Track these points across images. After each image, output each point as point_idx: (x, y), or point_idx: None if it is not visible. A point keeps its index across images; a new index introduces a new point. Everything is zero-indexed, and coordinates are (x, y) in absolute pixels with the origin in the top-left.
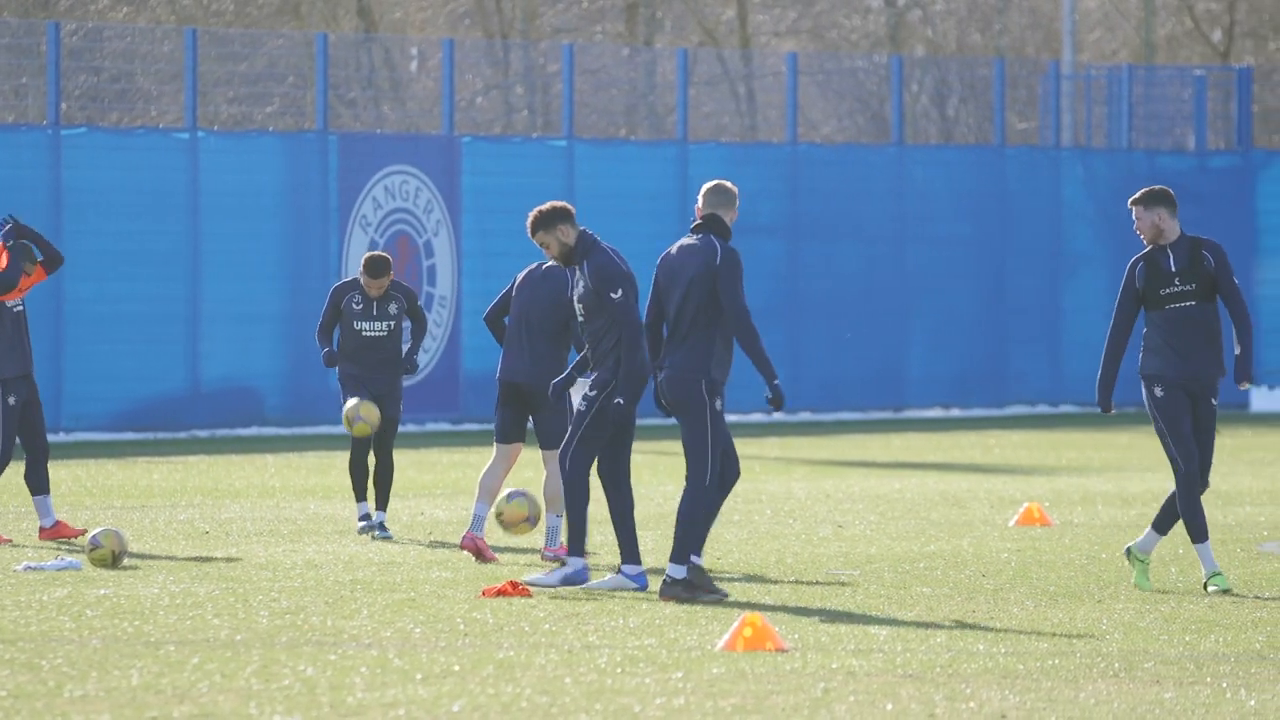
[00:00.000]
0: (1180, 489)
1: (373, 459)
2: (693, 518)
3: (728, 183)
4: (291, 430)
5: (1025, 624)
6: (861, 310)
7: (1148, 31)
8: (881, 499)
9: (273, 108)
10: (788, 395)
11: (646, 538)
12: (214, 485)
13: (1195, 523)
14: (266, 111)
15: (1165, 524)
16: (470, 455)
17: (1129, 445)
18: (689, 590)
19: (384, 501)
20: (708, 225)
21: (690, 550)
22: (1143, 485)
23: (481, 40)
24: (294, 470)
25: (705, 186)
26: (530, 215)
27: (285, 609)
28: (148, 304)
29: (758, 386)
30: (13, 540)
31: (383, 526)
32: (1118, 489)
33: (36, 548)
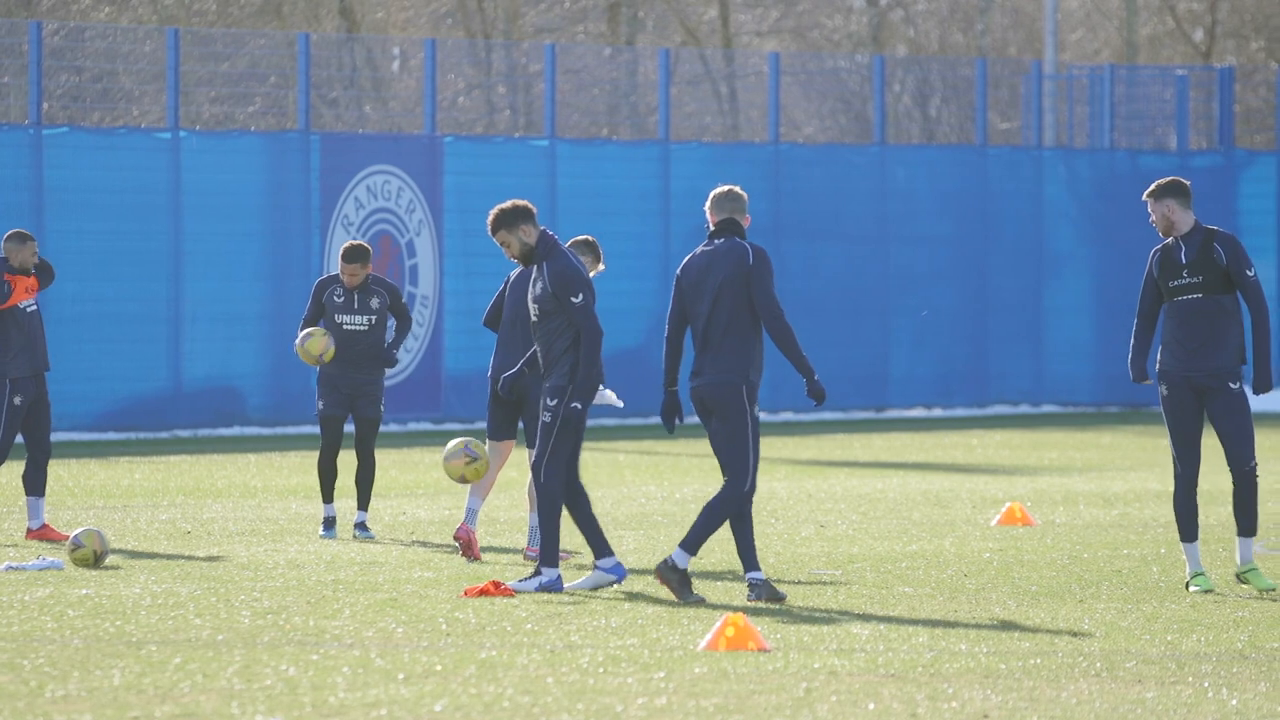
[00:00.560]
0: (1176, 488)
1: (354, 459)
2: (719, 517)
3: (737, 188)
4: (274, 430)
5: (1007, 623)
6: (844, 310)
7: (1129, 31)
8: (864, 499)
9: (255, 108)
10: (769, 395)
11: (628, 538)
12: (196, 485)
13: (1185, 523)
14: (248, 111)
15: (1248, 526)
16: (435, 451)
17: (1111, 445)
18: (682, 583)
19: (365, 501)
20: (728, 229)
21: (697, 546)
22: (1125, 485)
23: (463, 40)
24: (276, 470)
25: (715, 193)
26: (491, 214)
27: (267, 609)
28: (130, 304)
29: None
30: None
31: (364, 526)
32: (1100, 489)
33: (20, 547)
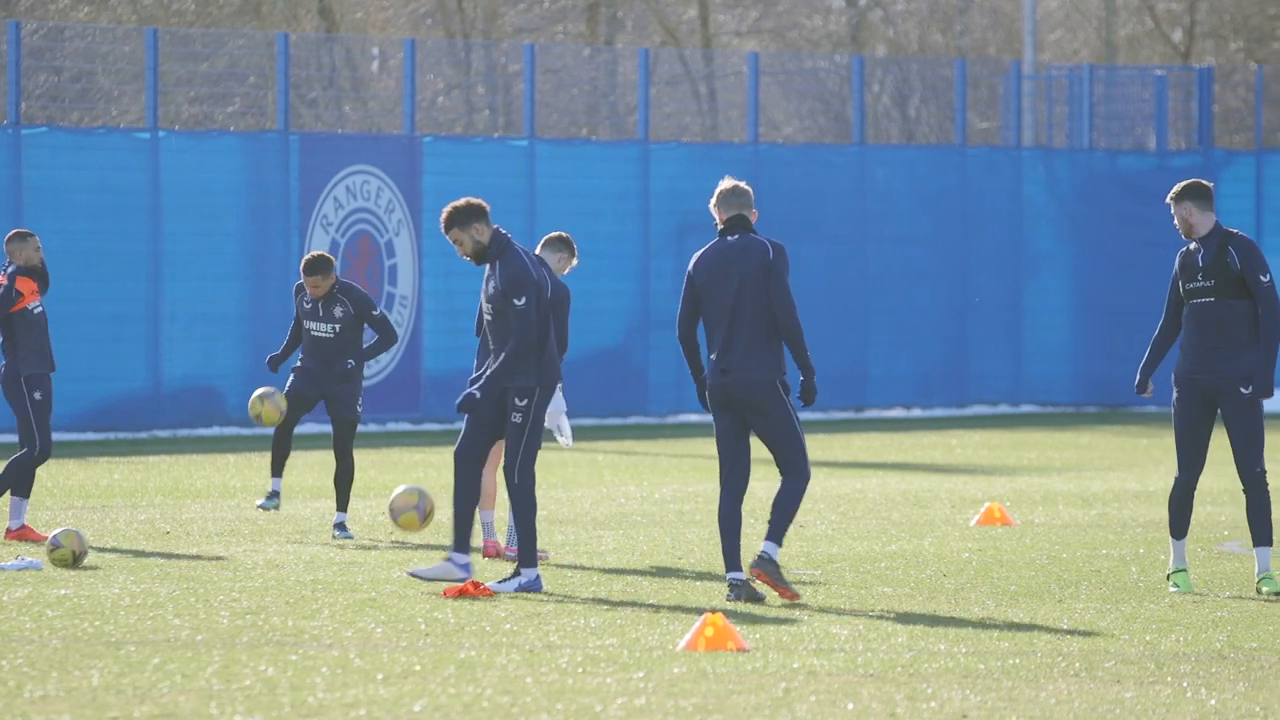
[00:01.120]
0: (1173, 487)
1: (333, 460)
2: (791, 507)
3: (742, 184)
4: (253, 430)
5: (986, 623)
6: (823, 310)
7: (1108, 32)
8: (843, 499)
9: (234, 107)
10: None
11: (607, 537)
12: (175, 485)
13: (1175, 519)
14: (227, 111)
15: (1263, 535)
16: (431, 455)
17: (1090, 445)
18: (776, 573)
19: (344, 502)
20: (740, 225)
21: (783, 535)
22: (1103, 485)
23: (443, 40)
24: (255, 470)
25: (721, 189)
26: (445, 211)
27: (246, 609)
28: (109, 304)
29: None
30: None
31: (343, 527)
32: (1079, 489)
33: None
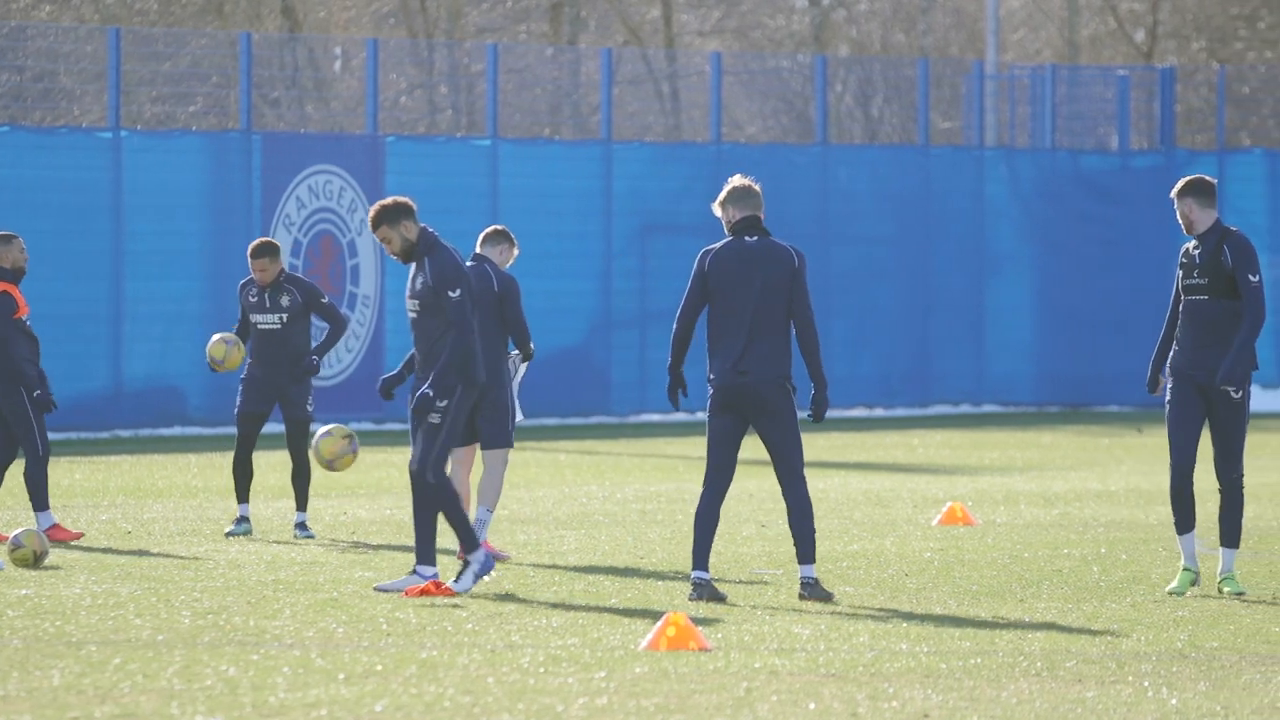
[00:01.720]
0: (1171, 478)
1: (289, 460)
2: (811, 517)
3: (753, 183)
4: (214, 430)
5: (948, 623)
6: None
7: (1071, 31)
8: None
9: (196, 107)
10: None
11: (569, 537)
12: (137, 485)
13: (1180, 513)
14: (190, 111)
15: (1231, 536)
16: (393, 455)
17: (1052, 445)
18: (818, 590)
19: (303, 502)
20: (757, 227)
21: (814, 552)
22: (1065, 485)
23: (406, 40)
24: (217, 470)
25: (734, 188)
26: (373, 210)
27: (207, 609)
28: (70, 303)
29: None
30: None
31: (304, 526)
32: (1040, 488)
33: None
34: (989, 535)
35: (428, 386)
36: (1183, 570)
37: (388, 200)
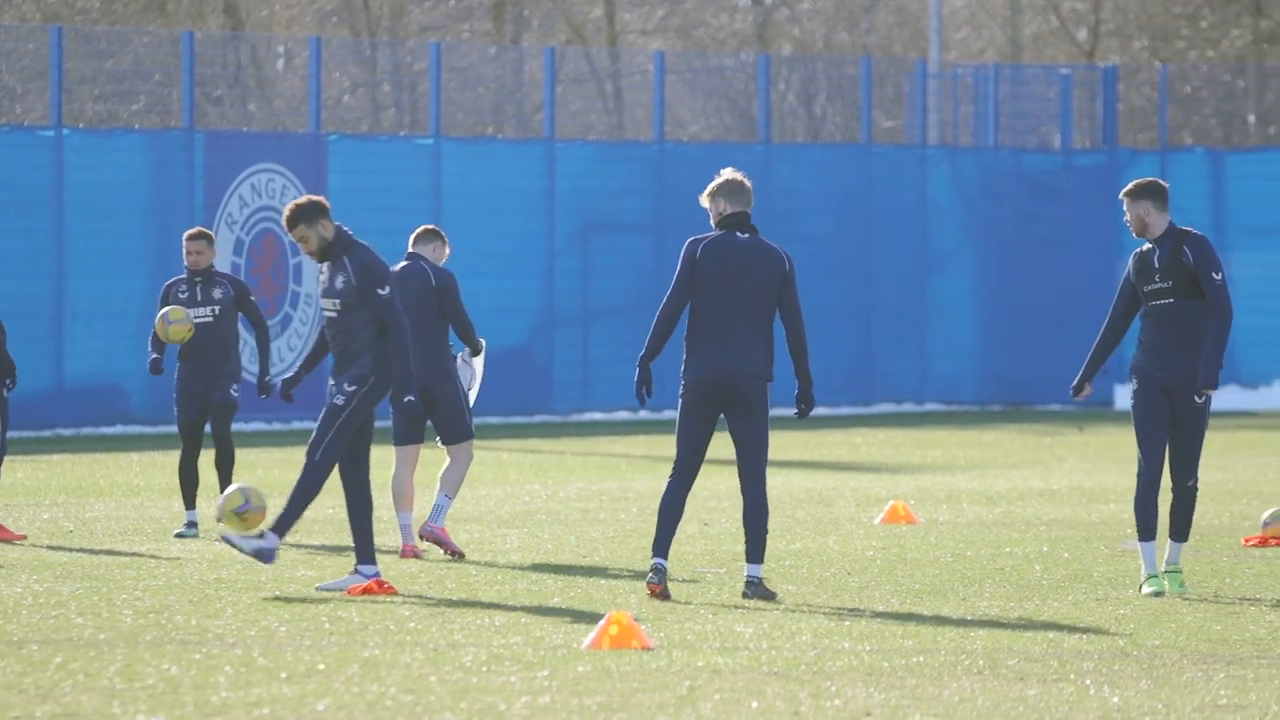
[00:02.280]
0: (1138, 484)
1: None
2: (767, 518)
3: (745, 178)
4: (156, 429)
5: (890, 621)
6: None
7: (1014, 30)
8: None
9: (139, 105)
10: (653, 393)
11: (512, 536)
12: (78, 484)
13: (1144, 521)
14: (132, 109)
15: (1182, 531)
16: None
17: (994, 443)
18: (763, 591)
19: (228, 483)
20: (747, 224)
21: (761, 553)
22: (1008, 483)
23: (348, 38)
24: (158, 469)
25: (726, 181)
26: (288, 209)
27: (149, 608)
28: (11, 302)
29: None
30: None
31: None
32: (983, 487)
33: None
34: (931, 534)
35: (409, 395)
36: (1151, 577)
37: (303, 199)
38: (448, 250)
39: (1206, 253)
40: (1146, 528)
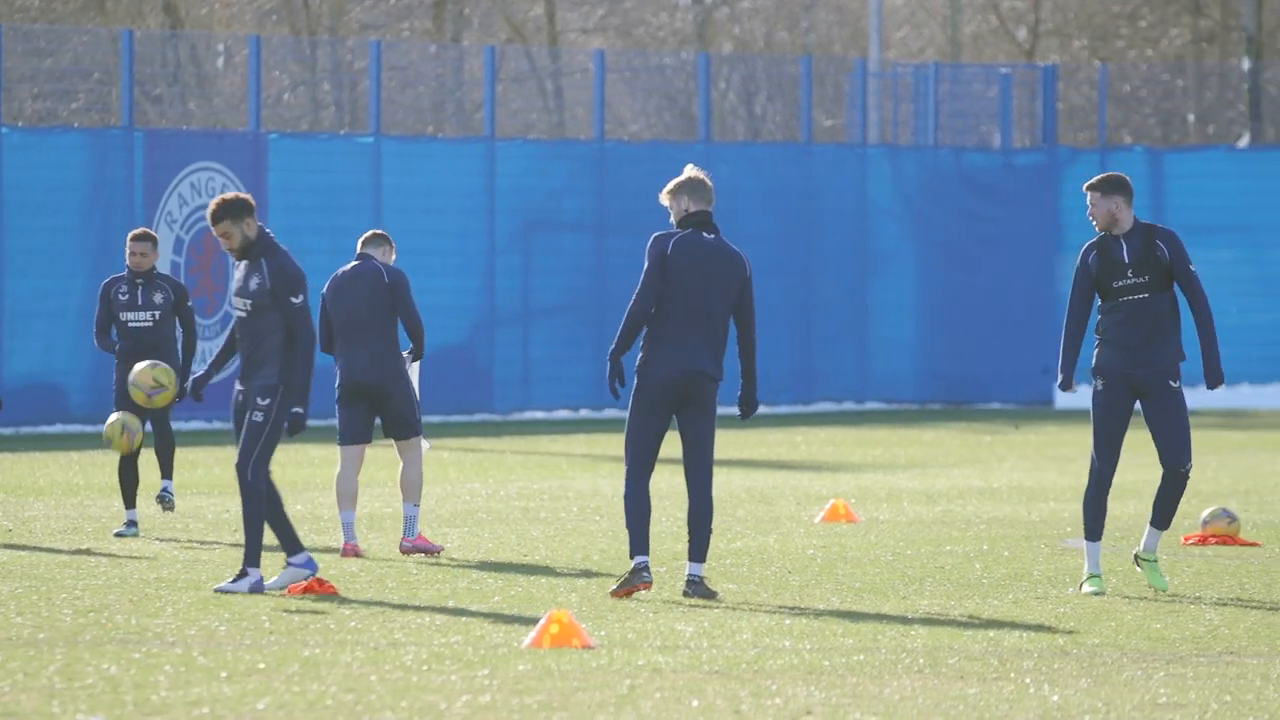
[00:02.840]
0: (1089, 484)
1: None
2: (710, 522)
3: (706, 176)
4: (96, 427)
5: (831, 620)
6: None
7: (953, 29)
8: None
9: (78, 104)
10: (592, 391)
11: (453, 535)
12: (17, 483)
13: (1092, 521)
14: (72, 108)
15: (1164, 520)
16: (276, 453)
17: (934, 442)
18: (705, 590)
19: (169, 470)
20: (710, 223)
21: (704, 552)
22: (948, 482)
23: (288, 37)
24: (98, 468)
25: (692, 179)
26: (214, 204)
27: (89, 607)
28: None
29: (573, 379)
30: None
31: (167, 492)
32: (923, 486)
33: None
34: (872, 532)
35: (293, 404)
36: (1093, 577)
37: (230, 195)
38: (394, 255)
39: (1180, 246)
40: (1095, 529)
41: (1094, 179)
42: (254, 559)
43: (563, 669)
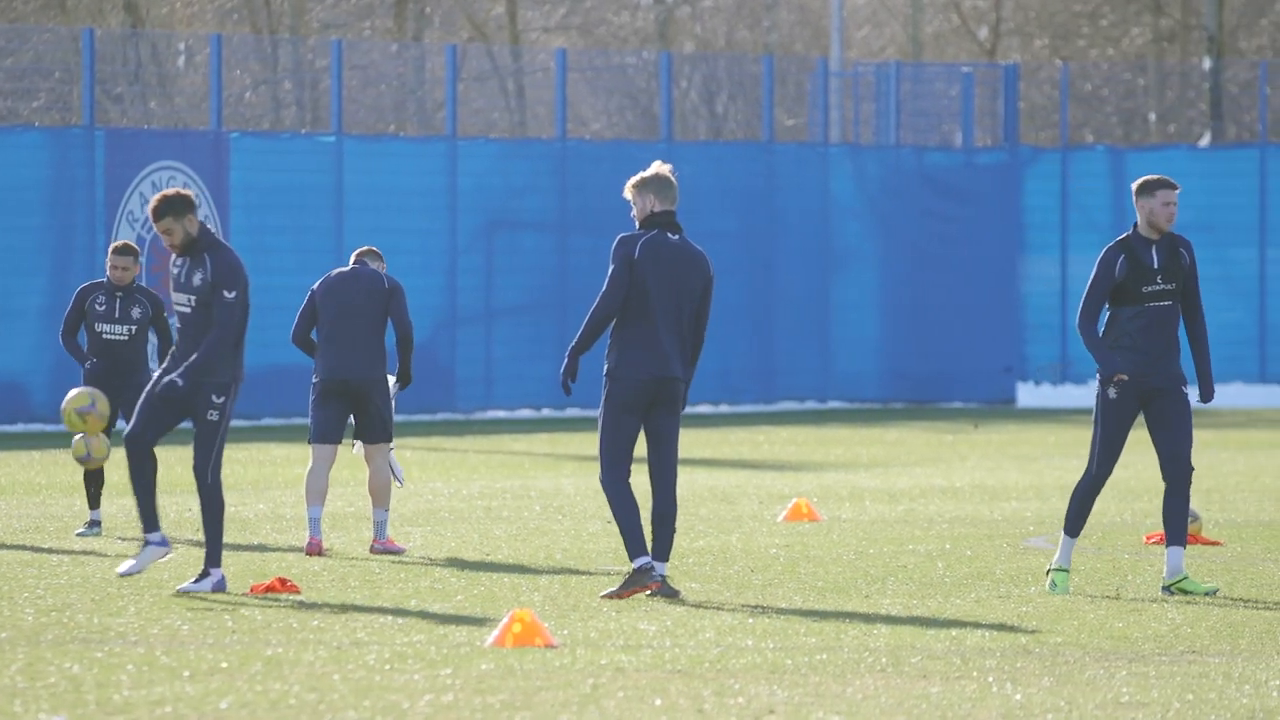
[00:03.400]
0: (1083, 485)
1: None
2: (675, 517)
3: (671, 173)
4: (58, 427)
5: (793, 619)
6: None
7: (915, 28)
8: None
9: (39, 103)
10: (555, 390)
11: (415, 533)
12: None
13: (1076, 518)
14: (33, 107)
15: (1179, 535)
16: (237, 452)
17: (897, 441)
18: (669, 587)
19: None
20: (674, 223)
21: (668, 551)
22: (910, 481)
23: (249, 36)
24: (60, 467)
25: (658, 175)
26: (155, 201)
27: (51, 606)
28: None
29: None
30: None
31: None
32: (886, 485)
33: None
34: (834, 531)
35: (179, 375)
36: (1060, 571)
37: (170, 191)
38: (384, 270)
39: (1194, 256)
40: (1076, 526)
41: (1165, 179)
42: (215, 559)
43: (525, 668)
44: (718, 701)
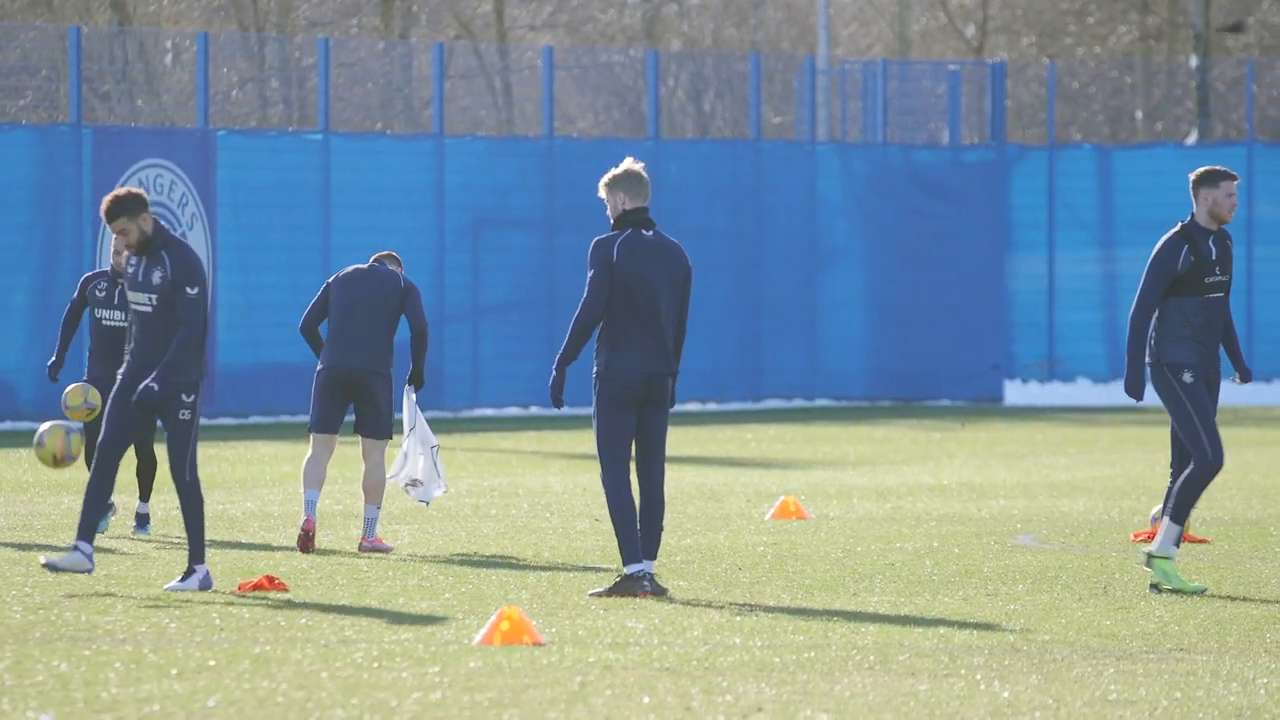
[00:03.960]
0: (1196, 473)
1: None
2: (664, 514)
3: (644, 170)
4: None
5: (781, 617)
6: None
7: (902, 26)
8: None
9: (26, 100)
10: (542, 388)
11: (403, 531)
12: None
13: (1184, 508)
14: (19, 105)
15: (1180, 515)
16: (225, 450)
17: (884, 439)
18: (656, 585)
19: (146, 493)
20: (647, 219)
21: (655, 549)
22: (898, 479)
23: (236, 33)
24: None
25: (631, 172)
26: (108, 201)
27: (39, 604)
28: None
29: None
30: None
31: (143, 520)
32: (873, 482)
33: None
34: (822, 529)
35: (153, 380)
36: (1164, 559)
37: (122, 191)
38: (402, 274)
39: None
40: (1185, 513)
41: (1229, 170)
42: (199, 556)
43: (513, 666)
44: (705, 699)
